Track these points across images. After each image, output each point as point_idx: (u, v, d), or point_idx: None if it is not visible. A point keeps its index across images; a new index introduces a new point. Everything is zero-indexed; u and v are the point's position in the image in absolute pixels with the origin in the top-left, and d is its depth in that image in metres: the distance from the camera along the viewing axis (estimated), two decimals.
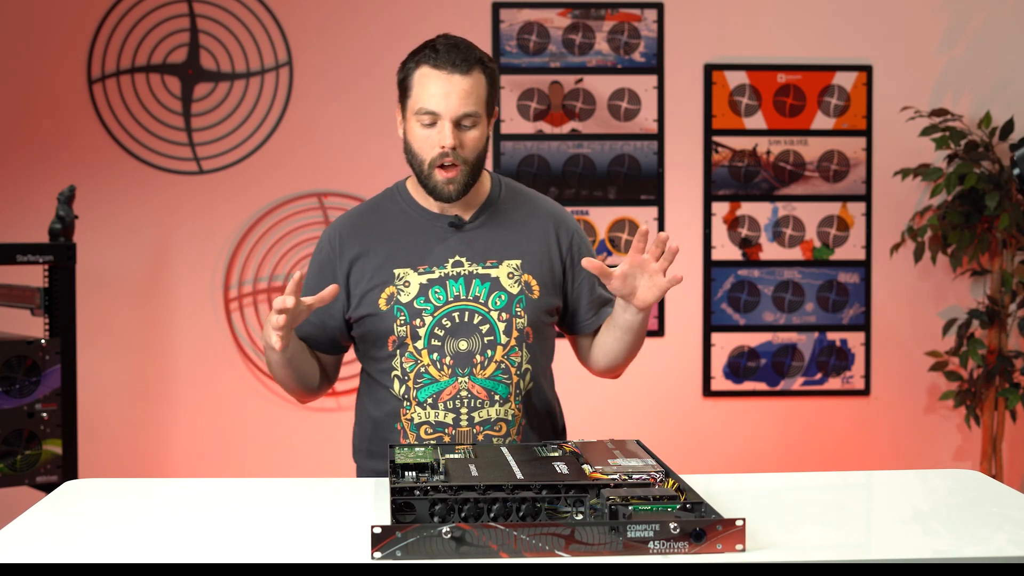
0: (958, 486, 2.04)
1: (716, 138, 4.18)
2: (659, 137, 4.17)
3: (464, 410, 2.16)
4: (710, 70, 4.17)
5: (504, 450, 1.97)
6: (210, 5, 4.08)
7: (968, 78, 4.22)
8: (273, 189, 4.11)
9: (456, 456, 1.91)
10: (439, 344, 2.16)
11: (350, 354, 2.35)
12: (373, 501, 1.88)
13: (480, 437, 2.16)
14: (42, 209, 3.91)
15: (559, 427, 2.34)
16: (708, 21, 4.17)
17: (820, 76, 4.19)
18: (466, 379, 2.16)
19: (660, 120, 4.16)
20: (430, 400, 2.17)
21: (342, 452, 4.20)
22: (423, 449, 1.97)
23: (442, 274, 2.19)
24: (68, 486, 2.01)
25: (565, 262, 2.26)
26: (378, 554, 1.52)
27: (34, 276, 3.52)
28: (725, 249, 4.21)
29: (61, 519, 1.83)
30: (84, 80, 4.07)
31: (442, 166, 2.13)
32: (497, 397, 2.17)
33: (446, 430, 2.16)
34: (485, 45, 4.10)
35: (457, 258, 2.20)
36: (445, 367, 2.16)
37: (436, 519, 1.64)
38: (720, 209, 4.20)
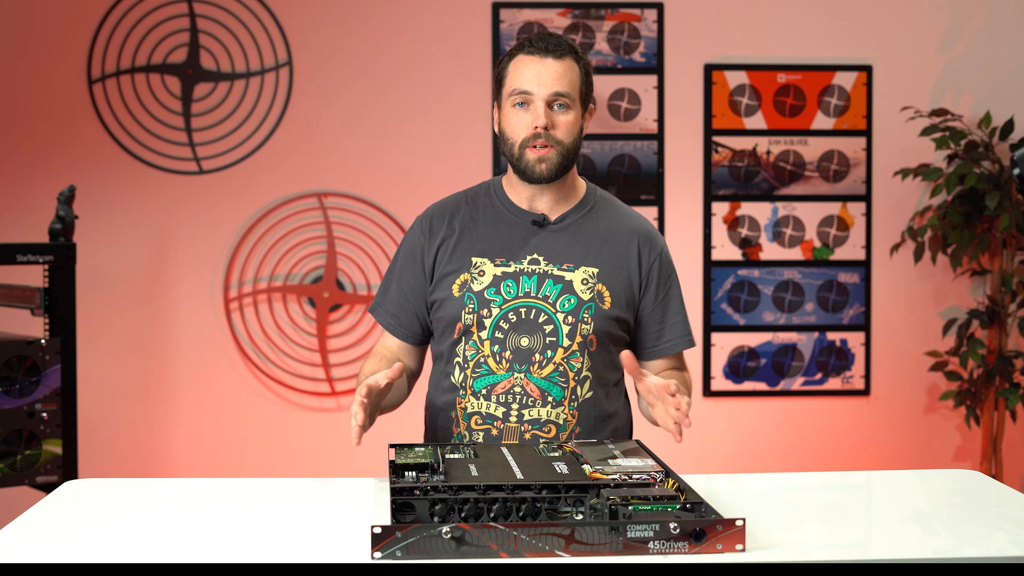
0: (958, 486, 2.04)
1: (716, 138, 4.18)
2: (659, 137, 4.17)
3: (515, 406, 2.16)
4: (710, 70, 4.17)
5: (504, 450, 1.97)
6: (210, 5, 4.08)
7: (968, 78, 4.22)
8: (273, 189, 4.12)
9: (456, 456, 1.91)
10: (502, 337, 2.17)
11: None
12: (373, 501, 1.88)
13: (528, 436, 2.15)
14: (42, 209, 3.91)
15: None
16: (708, 21, 4.17)
17: (820, 76, 4.19)
18: (522, 376, 2.16)
19: (660, 120, 4.16)
20: (484, 391, 2.17)
21: (342, 452, 4.21)
22: (423, 449, 1.97)
23: (518, 269, 2.19)
24: (68, 486, 2.01)
25: (644, 281, 2.24)
26: (378, 554, 1.52)
27: (34, 276, 3.52)
28: (725, 249, 4.21)
29: (61, 519, 1.83)
30: (84, 80, 4.07)
31: (534, 146, 2.14)
32: (550, 398, 2.16)
33: (495, 423, 2.16)
34: (485, 45, 4.10)
35: (535, 256, 2.20)
36: (504, 360, 2.16)
37: (436, 519, 1.64)
38: (720, 209, 4.20)
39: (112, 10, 4.05)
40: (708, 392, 4.21)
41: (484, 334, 2.17)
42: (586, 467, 1.83)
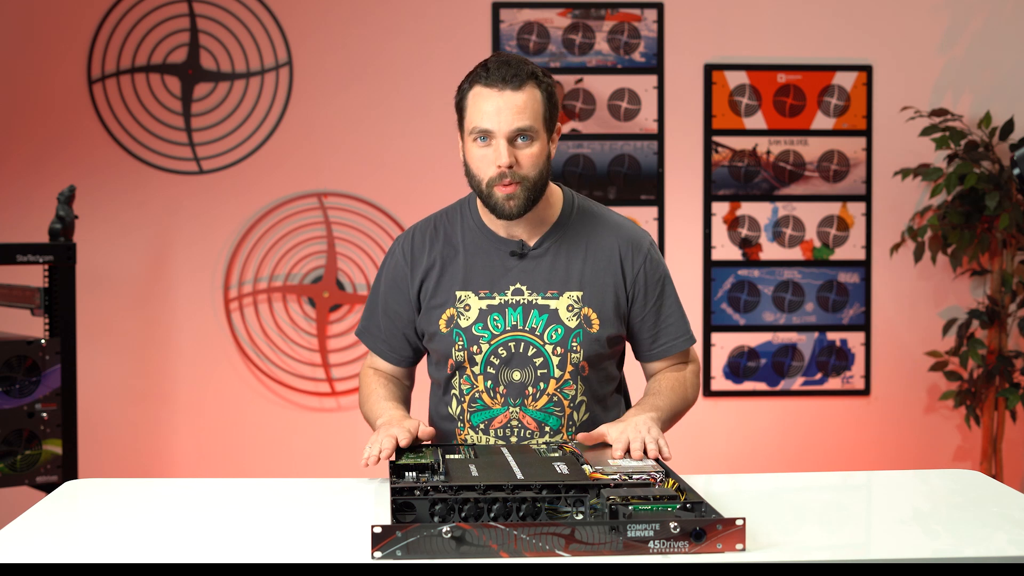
0: (958, 486, 2.04)
1: (716, 138, 4.18)
2: (659, 137, 4.17)
3: (514, 439, 2.15)
4: (710, 70, 4.17)
5: (504, 450, 1.97)
6: (210, 5, 4.08)
7: (968, 78, 4.22)
8: (273, 189, 4.11)
9: (456, 456, 1.91)
10: (494, 372, 2.15)
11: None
12: (373, 501, 1.88)
13: None
14: (42, 209, 3.91)
15: None
16: (708, 21, 4.17)
17: (820, 76, 4.19)
18: (517, 410, 2.15)
19: (660, 120, 4.16)
20: (482, 425, 2.17)
21: (342, 452, 4.21)
22: (424, 449, 1.97)
23: (502, 301, 2.16)
24: (68, 486, 2.01)
25: (631, 291, 2.20)
26: (378, 554, 1.52)
27: (34, 276, 3.52)
28: (725, 249, 4.21)
29: (61, 519, 1.83)
30: (84, 80, 4.07)
31: (502, 185, 2.08)
32: (548, 429, 2.15)
33: None
34: (485, 45, 4.10)
35: (518, 286, 2.16)
36: (498, 395, 2.15)
37: (436, 519, 1.64)
38: (720, 209, 4.20)
39: (112, 10, 4.05)
40: (708, 392, 4.21)
41: (476, 370, 2.16)
42: (586, 467, 1.83)
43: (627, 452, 1.96)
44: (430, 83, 4.11)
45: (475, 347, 2.15)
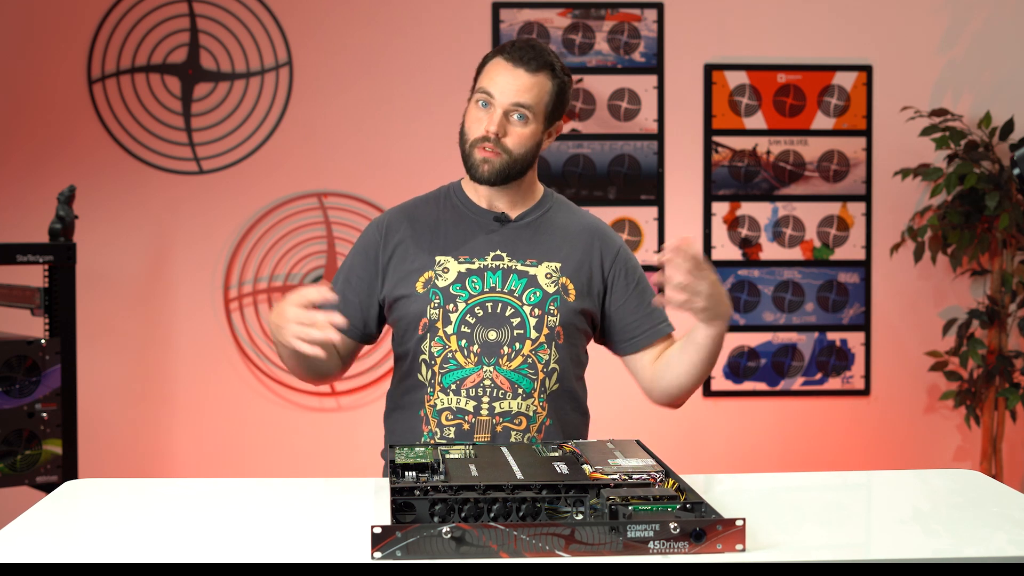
0: (958, 486, 2.04)
1: (716, 138, 4.18)
2: (659, 137, 4.17)
3: (486, 399, 2.16)
4: (710, 70, 4.17)
5: (504, 450, 1.97)
6: (210, 5, 4.08)
7: (968, 78, 4.22)
8: (273, 189, 4.12)
9: (456, 456, 1.92)
10: (468, 331, 2.17)
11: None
12: (373, 501, 1.88)
13: (499, 428, 2.16)
14: (42, 209, 3.91)
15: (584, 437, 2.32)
16: (708, 21, 4.17)
17: (820, 76, 4.19)
18: (491, 369, 2.17)
19: (660, 120, 4.16)
20: (453, 386, 2.17)
21: (342, 452, 4.21)
22: (423, 449, 1.97)
23: (482, 265, 2.21)
24: (68, 486, 2.01)
25: (607, 277, 2.26)
26: (378, 554, 1.52)
27: (34, 276, 3.52)
28: (725, 249, 4.21)
29: (61, 519, 1.83)
30: (84, 80, 4.07)
31: (483, 147, 2.17)
32: (520, 391, 2.17)
33: (466, 417, 2.16)
34: (485, 45, 4.10)
35: (498, 252, 2.22)
36: (472, 355, 2.17)
37: (436, 519, 1.64)
38: (720, 209, 4.20)
39: (112, 10, 4.05)
40: (708, 392, 4.21)
41: (450, 329, 2.18)
42: (586, 467, 1.83)
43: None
44: (430, 83, 4.11)
45: (451, 305, 2.18)
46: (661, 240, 4.17)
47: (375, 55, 4.10)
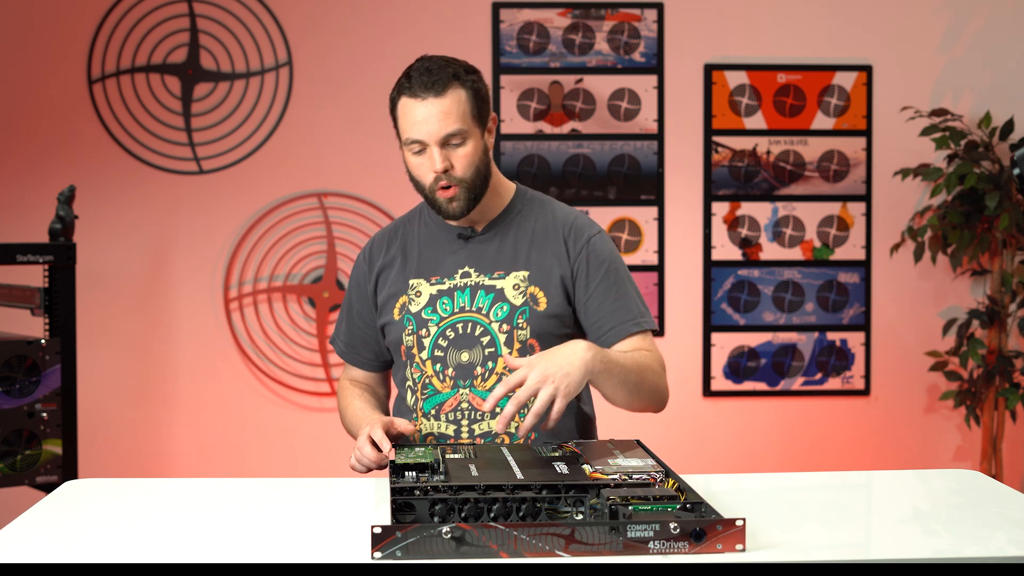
0: (958, 486, 2.04)
1: (716, 138, 4.18)
2: (659, 137, 4.17)
3: (465, 422, 2.15)
4: (710, 70, 4.17)
5: (504, 450, 1.97)
6: (210, 5, 4.08)
7: (968, 78, 4.22)
8: (273, 189, 4.12)
9: (456, 456, 1.92)
10: (442, 355, 2.17)
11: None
12: (373, 501, 1.88)
13: None
14: (42, 209, 3.91)
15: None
16: (708, 21, 4.17)
17: (820, 76, 4.19)
18: (467, 391, 2.15)
19: (660, 120, 4.16)
20: (433, 411, 2.17)
21: (342, 452, 4.20)
22: (423, 449, 1.97)
23: (451, 285, 2.19)
24: (68, 486, 2.01)
25: (574, 272, 2.20)
26: (378, 554, 1.52)
27: (34, 276, 3.52)
28: (725, 249, 4.21)
29: (61, 519, 1.83)
30: (84, 80, 4.07)
31: (442, 188, 2.13)
32: (498, 410, 2.11)
33: (448, 441, 2.15)
34: (485, 45, 4.10)
35: (466, 269, 2.20)
36: (447, 378, 2.16)
37: (436, 519, 1.64)
38: (720, 209, 4.20)
39: (112, 10, 4.05)
40: (708, 392, 4.21)
41: (424, 354, 2.17)
42: (586, 467, 1.83)
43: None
44: None
45: (423, 330, 2.18)
46: (661, 240, 4.17)
47: (375, 55, 4.10)
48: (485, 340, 2.16)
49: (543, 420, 1.95)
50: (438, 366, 2.16)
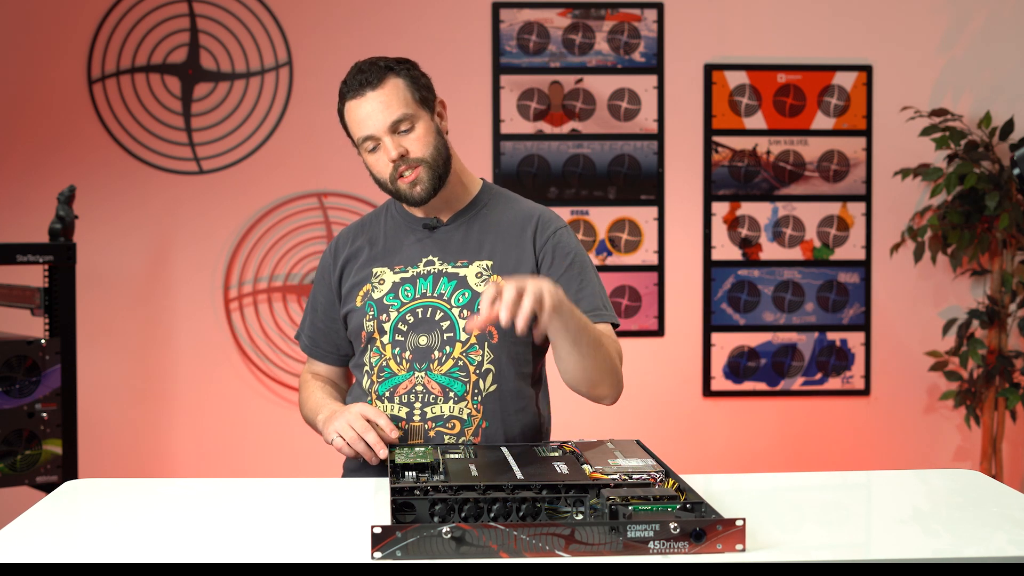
0: (958, 486, 2.04)
1: (716, 138, 4.18)
2: (659, 137, 4.17)
3: (418, 405, 2.16)
4: (710, 70, 4.17)
5: (504, 450, 1.97)
6: (210, 5, 4.08)
7: (968, 78, 4.22)
8: (273, 189, 4.12)
9: (456, 456, 1.92)
10: (401, 339, 2.19)
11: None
12: (373, 501, 1.89)
13: (432, 433, 2.15)
14: (42, 209, 3.91)
15: (539, 439, 2.27)
16: (708, 21, 4.17)
17: (820, 76, 4.19)
18: (422, 375, 2.17)
19: (660, 120, 4.16)
20: (387, 394, 2.19)
21: (342, 452, 4.19)
22: (423, 449, 1.97)
23: (415, 273, 2.22)
24: (68, 486, 2.01)
25: (539, 261, 2.21)
26: (378, 554, 1.52)
27: (34, 276, 3.52)
28: (725, 249, 4.21)
29: (61, 519, 1.84)
30: (84, 80, 4.07)
31: (401, 175, 2.16)
32: (452, 394, 2.15)
33: (400, 424, 2.16)
34: (485, 45, 4.10)
35: (430, 258, 2.23)
36: (404, 361, 2.18)
37: (436, 519, 1.64)
38: (720, 209, 4.20)
39: (112, 10, 4.05)
40: (708, 392, 4.21)
41: (385, 339, 2.19)
42: (586, 467, 1.83)
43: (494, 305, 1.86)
44: None
45: (384, 315, 2.20)
46: (661, 240, 4.17)
47: (375, 55, 4.10)
48: (445, 325, 2.18)
49: (511, 313, 1.86)
50: (397, 349, 2.19)
